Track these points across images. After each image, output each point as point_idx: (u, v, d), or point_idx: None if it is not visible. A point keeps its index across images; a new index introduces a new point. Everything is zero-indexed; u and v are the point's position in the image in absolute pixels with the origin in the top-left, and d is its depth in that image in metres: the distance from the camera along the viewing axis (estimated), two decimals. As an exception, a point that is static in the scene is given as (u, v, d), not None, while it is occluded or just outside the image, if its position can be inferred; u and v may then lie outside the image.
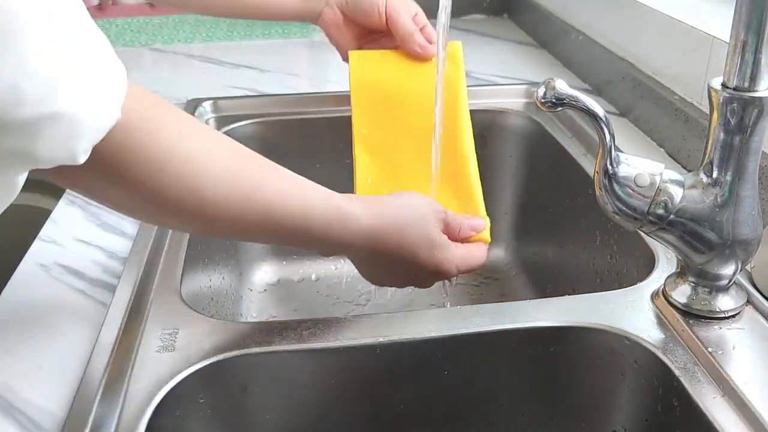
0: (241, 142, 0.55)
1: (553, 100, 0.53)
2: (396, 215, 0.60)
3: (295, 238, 0.58)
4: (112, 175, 0.48)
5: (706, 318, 0.56)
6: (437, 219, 0.63)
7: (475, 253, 0.65)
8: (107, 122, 0.44)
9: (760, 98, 0.50)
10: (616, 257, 0.77)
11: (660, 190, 0.54)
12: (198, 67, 1.20)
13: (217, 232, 0.60)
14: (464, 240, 0.65)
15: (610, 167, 0.54)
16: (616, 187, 0.54)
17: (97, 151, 0.44)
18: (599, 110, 0.53)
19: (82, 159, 0.43)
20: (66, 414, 0.50)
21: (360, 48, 0.85)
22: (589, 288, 0.81)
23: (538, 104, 0.54)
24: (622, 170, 0.54)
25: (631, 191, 0.54)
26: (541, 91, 0.53)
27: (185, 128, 0.51)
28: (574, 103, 0.53)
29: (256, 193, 0.53)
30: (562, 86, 0.53)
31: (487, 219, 0.69)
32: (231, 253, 0.92)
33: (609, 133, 0.54)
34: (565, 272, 0.89)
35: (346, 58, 0.84)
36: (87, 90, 0.42)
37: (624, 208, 0.55)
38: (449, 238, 0.63)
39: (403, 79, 0.78)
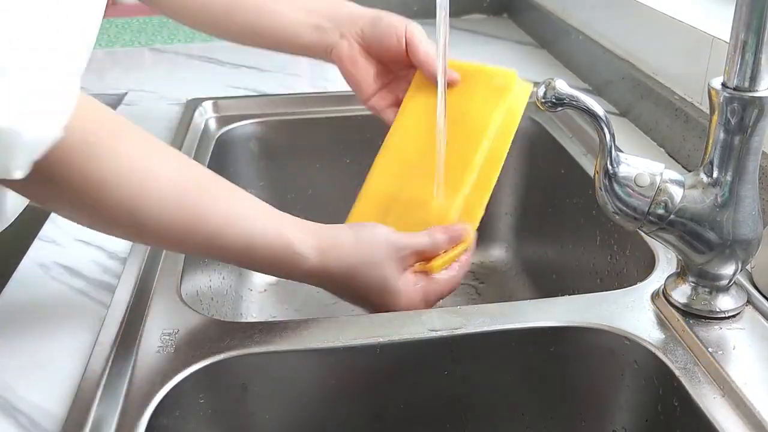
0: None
1: (553, 100, 0.53)
2: (350, 255, 0.60)
3: (242, 265, 0.59)
4: (53, 190, 0.48)
5: (706, 318, 0.56)
6: (397, 258, 0.61)
7: (444, 281, 0.63)
8: (45, 141, 0.43)
9: (761, 98, 0.50)
10: (616, 257, 0.77)
11: (660, 190, 0.54)
12: (198, 67, 1.20)
13: (164, 248, 0.63)
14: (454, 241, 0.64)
15: (610, 167, 0.54)
16: (616, 187, 0.54)
17: (36, 167, 0.44)
18: (599, 110, 0.53)
19: (17, 175, 0.43)
20: (66, 414, 0.50)
21: (379, 87, 0.79)
22: (589, 288, 0.81)
23: (538, 104, 0.54)
24: (622, 170, 0.54)
25: (631, 191, 0.54)
26: (541, 91, 0.54)
27: (131, 149, 0.50)
28: (574, 103, 0.53)
29: (199, 222, 0.53)
30: (562, 86, 0.53)
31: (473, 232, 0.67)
32: (231, 253, 0.91)
33: (609, 132, 0.54)
34: (565, 272, 0.89)
35: (365, 99, 0.79)
36: (26, 107, 0.41)
37: (624, 208, 0.55)
38: (428, 258, 0.63)
39: (456, 107, 0.73)
